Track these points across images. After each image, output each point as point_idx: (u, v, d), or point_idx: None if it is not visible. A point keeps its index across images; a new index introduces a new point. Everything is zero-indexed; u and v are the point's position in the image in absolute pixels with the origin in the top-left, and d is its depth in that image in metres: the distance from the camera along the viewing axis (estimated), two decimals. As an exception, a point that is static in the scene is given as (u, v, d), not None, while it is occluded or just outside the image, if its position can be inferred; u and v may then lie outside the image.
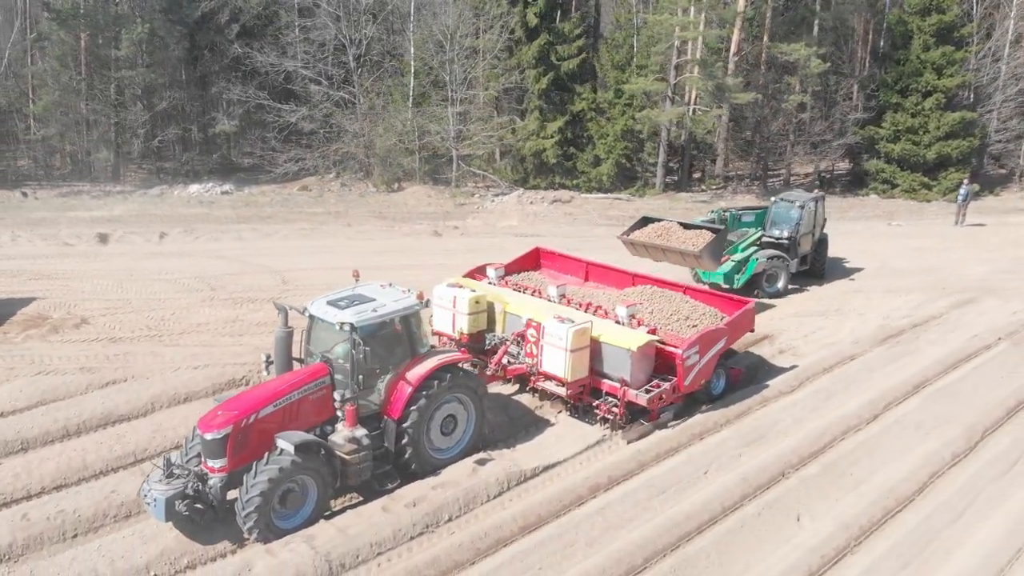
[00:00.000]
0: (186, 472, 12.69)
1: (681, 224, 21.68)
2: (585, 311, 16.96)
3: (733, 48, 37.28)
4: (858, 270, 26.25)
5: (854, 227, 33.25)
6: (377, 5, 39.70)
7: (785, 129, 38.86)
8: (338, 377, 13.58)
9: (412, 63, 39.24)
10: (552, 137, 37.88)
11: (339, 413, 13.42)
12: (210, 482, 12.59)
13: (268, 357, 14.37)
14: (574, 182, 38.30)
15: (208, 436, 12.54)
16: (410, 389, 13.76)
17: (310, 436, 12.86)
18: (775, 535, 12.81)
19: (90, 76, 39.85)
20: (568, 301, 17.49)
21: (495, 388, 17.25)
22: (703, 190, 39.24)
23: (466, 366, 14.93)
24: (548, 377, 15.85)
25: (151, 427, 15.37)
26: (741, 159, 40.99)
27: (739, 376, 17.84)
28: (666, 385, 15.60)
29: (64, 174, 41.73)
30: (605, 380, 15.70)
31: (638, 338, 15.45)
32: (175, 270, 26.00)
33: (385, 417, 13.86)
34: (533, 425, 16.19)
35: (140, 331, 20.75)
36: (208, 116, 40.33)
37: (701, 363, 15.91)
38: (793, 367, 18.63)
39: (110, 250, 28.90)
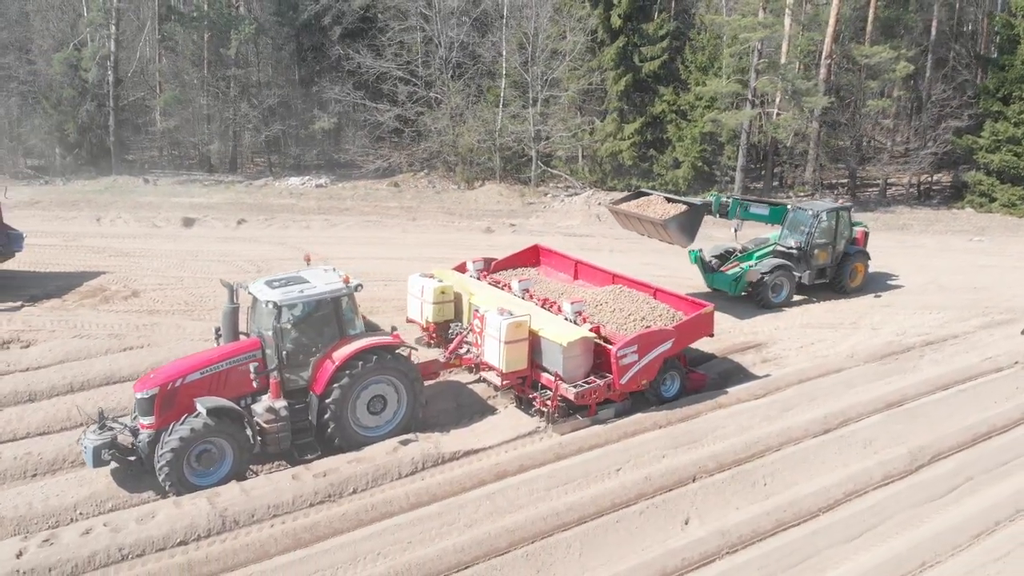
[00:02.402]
0: (120, 426, 14.18)
1: (666, 198, 21.72)
2: (542, 306, 17.33)
3: (825, 51, 35.89)
4: (899, 285, 24.90)
5: (926, 241, 31.41)
6: (468, 7, 40.90)
7: (871, 136, 36.94)
8: (269, 352, 14.70)
9: (504, 64, 40.24)
10: (629, 139, 37.85)
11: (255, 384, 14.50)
12: (139, 437, 14.02)
13: (217, 330, 15.73)
14: (650, 184, 38.03)
15: (139, 395, 14.01)
16: (334, 367, 14.67)
17: (225, 402, 14.02)
18: (649, 535, 12.83)
19: (210, 74, 43.36)
20: (530, 296, 17.91)
21: (457, 376, 17.98)
22: (787, 197, 37.96)
23: (402, 351, 15.71)
24: (488, 367, 16.37)
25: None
26: (837, 166, 39.24)
27: (703, 382, 17.66)
28: (600, 382, 15.75)
29: (187, 164, 45.56)
30: (544, 373, 16.05)
31: (570, 333, 15.71)
32: (234, 253, 28.19)
33: (311, 392, 14.85)
34: (478, 413, 16.75)
35: (177, 305, 22.79)
36: (310, 113, 42.92)
37: (641, 363, 15.93)
38: (766, 376, 18.21)
39: (190, 233, 31.54)
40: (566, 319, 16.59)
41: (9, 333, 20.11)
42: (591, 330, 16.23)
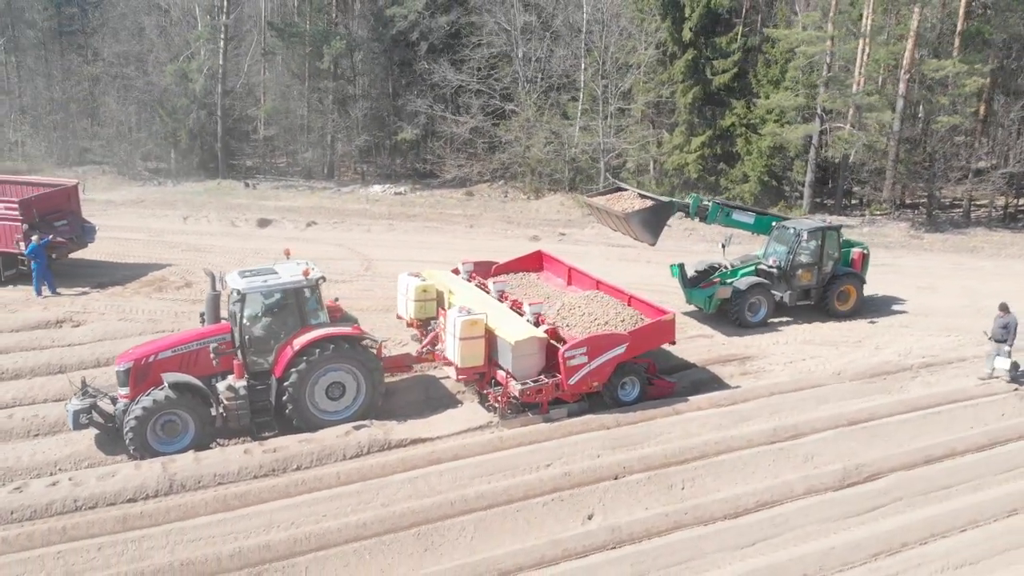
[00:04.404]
0: (102, 395, 15.91)
1: (640, 194, 21.81)
2: (511, 307, 18.02)
3: (905, 64, 34.55)
4: (930, 306, 23.88)
5: (985, 264, 29.75)
6: (543, 22, 41.81)
7: (945, 154, 35.13)
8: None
9: (582, 76, 40.92)
10: (696, 151, 37.66)
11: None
12: (117, 405, 15.69)
13: (202, 315, 17.32)
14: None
15: (117, 368, 15.73)
16: (292, 353, 15.91)
17: (189, 378, 15.48)
18: (546, 525, 13.32)
19: (308, 86, 46.18)
20: (505, 297, 18.62)
21: (437, 372, 18.86)
22: (860, 215, 36.70)
23: (367, 342, 16.79)
24: (448, 362, 17.21)
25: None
26: (917, 185, 37.53)
27: (670, 389, 17.83)
28: (547, 381, 16.28)
29: (288, 170, 48.55)
30: (500, 371, 16.73)
31: (519, 333, 16.34)
32: (293, 252, 30.11)
33: (272, 375, 16.13)
34: (442, 406, 17.60)
35: (217, 296, 24.74)
36: (396, 124, 44.98)
37: (591, 365, 16.35)
38: (737, 387, 18.16)
39: (262, 233, 33.89)
40: (527, 320, 17.20)
41: (66, 314, 22.55)
42: (547, 332, 16.79)
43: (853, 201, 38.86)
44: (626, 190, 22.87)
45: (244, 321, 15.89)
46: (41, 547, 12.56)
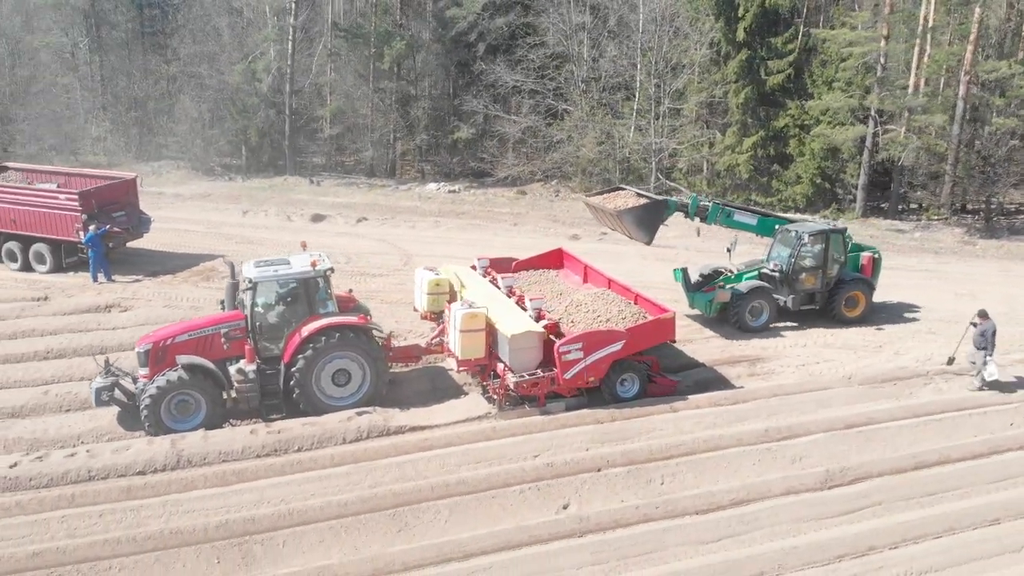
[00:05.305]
0: (123, 374, 17.02)
1: (638, 193, 21.86)
2: (517, 302, 18.46)
3: (966, 65, 33.50)
4: (961, 312, 23.07)
5: (1037, 270, 28.69)
6: (598, 22, 41.97)
7: (1000, 158, 33.80)
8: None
9: (638, 76, 40.98)
10: (747, 152, 37.27)
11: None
12: (137, 384, 16.77)
13: (222, 302, 18.32)
14: (768, 201, 37.23)
15: (137, 349, 16.80)
16: (299, 340, 16.71)
17: (201, 360, 16.44)
18: (520, 512, 13.73)
19: (372, 86, 47.45)
20: (512, 292, 19.07)
21: (443, 362, 19.45)
22: (916, 220, 35.70)
23: (375, 332, 17.50)
24: (451, 354, 17.77)
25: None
26: (979, 190, 36.25)
27: (672, 387, 17.98)
28: (543, 374, 16.66)
29: (352, 168, 49.93)
30: (500, 363, 17.19)
31: (516, 326, 16.75)
32: (338, 245, 31.21)
33: (282, 361, 16.97)
34: (446, 396, 18.21)
35: (259, 286, 25.88)
36: (452, 124, 45.84)
37: (587, 361, 16.67)
38: (740, 388, 18.18)
39: (315, 227, 35.08)
40: (529, 315, 17.62)
41: (117, 299, 24.04)
42: (547, 327, 17.17)
43: (912, 206, 37.82)
44: (624, 190, 22.98)
45: (256, 308, 16.76)
46: (49, 511, 13.63)
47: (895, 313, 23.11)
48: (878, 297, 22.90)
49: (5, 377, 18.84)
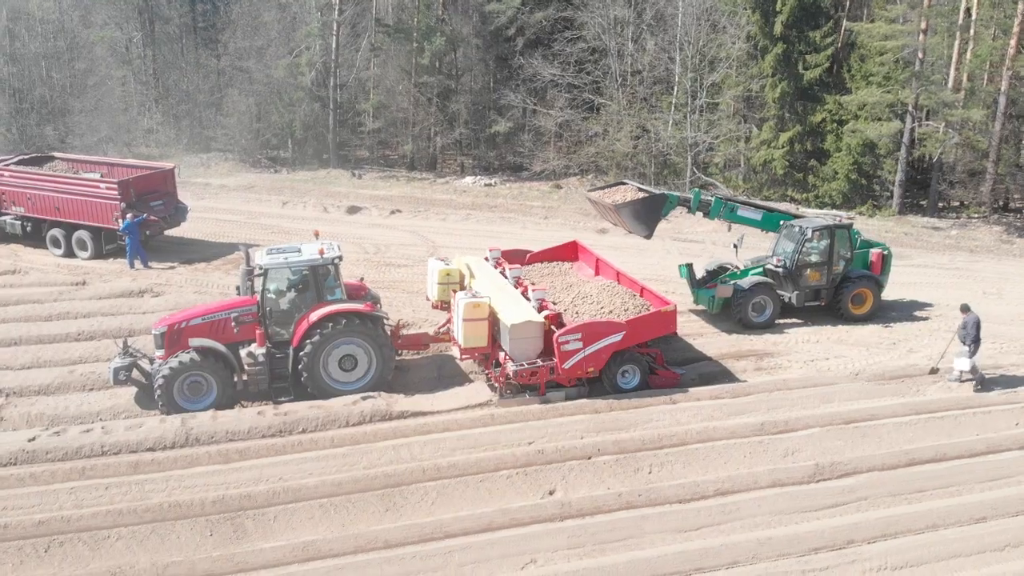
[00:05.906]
0: (141, 355, 17.77)
1: (638, 188, 21.87)
2: (523, 293, 18.76)
3: (1008, 59, 32.67)
4: (985, 311, 22.56)
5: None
6: (638, 17, 41.87)
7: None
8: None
9: (677, 71, 40.86)
10: (783, 147, 36.87)
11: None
12: (154, 365, 17.51)
13: (238, 288, 18.97)
14: (805, 196, 36.81)
15: (154, 331, 17.53)
16: (307, 325, 17.26)
17: (212, 343, 17.10)
18: (506, 496, 14.06)
19: (412, 80, 48.08)
20: (519, 283, 19.37)
21: (450, 350, 19.85)
22: (955, 217, 34.92)
23: (385, 320, 18.00)
24: (455, 343, 18.14)
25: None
26: (1022, 187, 35.35)
27: (675, 380, 18.09)
28: (542, 364, 16.93)
29: (395, 161, 50.65)
30: (502, 352, 17.52)
31: (516, 316, 17.06)
32: (368, 236, 31.93)
33: (291, 345, 17.54)
34: (451, 383, 18.58)
35: (287, 275, 26.60)
36: (491, 118, 46.22)
37: (586, 351, 16.91)
38: (743, 382, 18.20)
39: (350, 219, 35.81)
40: (532, 306, 17.90)
41: (150, 285, 24.97)
42: (548, 317, 17.43)
43: (953, 204, 37.01)
44: (626, 184, 23.04)
45: (267, 294, 17.36)
46: (60, 483, 14.38)
47: (914, 310, 22.80)
48: (897, 294, 22.62)
49: (36, 357, 19.76)
